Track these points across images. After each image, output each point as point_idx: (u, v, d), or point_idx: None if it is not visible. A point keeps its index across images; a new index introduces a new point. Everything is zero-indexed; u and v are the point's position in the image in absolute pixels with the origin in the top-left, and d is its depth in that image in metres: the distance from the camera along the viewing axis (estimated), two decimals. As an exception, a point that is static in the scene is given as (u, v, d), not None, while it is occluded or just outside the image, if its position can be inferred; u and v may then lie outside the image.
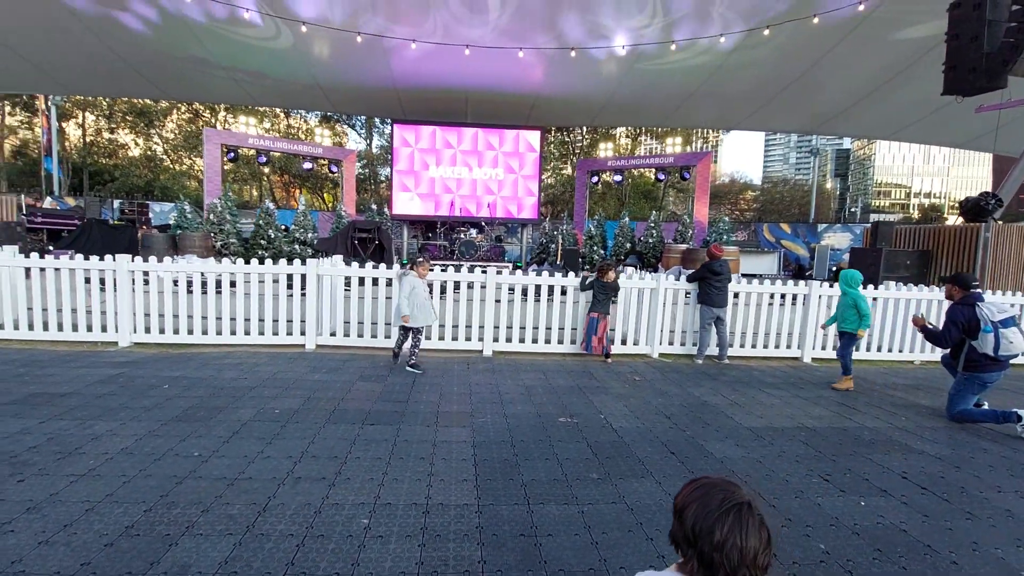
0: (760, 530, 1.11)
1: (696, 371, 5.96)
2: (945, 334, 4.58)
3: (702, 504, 1.14)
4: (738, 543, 1.08)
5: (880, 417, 4.57)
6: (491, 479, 3.02)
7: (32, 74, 13.65)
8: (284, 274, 5.98)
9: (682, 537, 1.16)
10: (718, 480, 1.19)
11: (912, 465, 3.56)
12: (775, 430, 4.10)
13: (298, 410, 3.96)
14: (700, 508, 1.13)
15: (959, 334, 4.49)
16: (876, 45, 11.06)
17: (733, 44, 11.17)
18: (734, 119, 16.66)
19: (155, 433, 3.42)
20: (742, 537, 1.08)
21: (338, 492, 2.77)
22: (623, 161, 17.43)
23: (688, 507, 1.16)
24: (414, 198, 16.37)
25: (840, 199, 77.63)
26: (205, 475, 2.88)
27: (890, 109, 14.13)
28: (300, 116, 31.10)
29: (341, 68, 13.42)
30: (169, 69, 13.66)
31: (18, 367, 4.82)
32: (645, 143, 38.31)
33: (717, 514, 1.10)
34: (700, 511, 1.13)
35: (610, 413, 4.29)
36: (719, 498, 1.13)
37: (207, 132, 15.70)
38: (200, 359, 5.39)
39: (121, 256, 5.83)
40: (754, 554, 1.09)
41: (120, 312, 5.82)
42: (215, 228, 11.76)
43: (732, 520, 1.09)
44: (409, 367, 5.32)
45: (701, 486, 1.19)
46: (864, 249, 10.61)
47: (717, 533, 1.08)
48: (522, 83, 14.15)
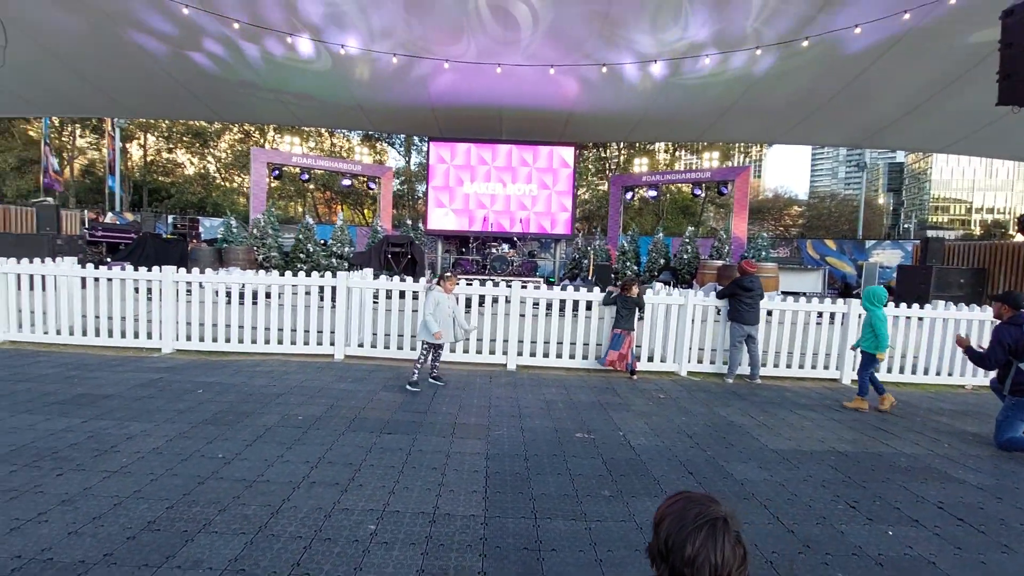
0: (735, 547, 1.08)
1: (725, 390, 5.79)
2: (990, 355, 4.31)
3: (677, 518, 1.12)
4: (711, 558, 1.05)
5: (920, 443, 4.31)
6: (501, 492, 3.02)
7: (101, 100, 14.75)
8: (315, 286, 6.21)
9: (656, 551, 1.14)
10: (697, 495, 1.17)
11: (950, 494, 3.34)
12: (803, 453, 3.93)
13: (320, 417, 4.08)
14: (674, 522, 1.12)
15: (1004, 355, 4.21)
16: (925, 54, 10.61)
17: (770, 57, 10.96)
18: (774, 133, 16.24)
19: (185, 435, 3.59)
20: (715, 552, 1.06)
21: (349, 498, 2.83)
22: (658, 176, 17.25)
23: (663, 521, 1.15)
24: (448, 213, 16.65)
25: (894, 215, 74.18)
26: (226, 476, 3.01)
27: (942, 121, 13.46)
28: (343, 135, 32.29)
29: (380, 89, 13.90)
30: (223, 94, 14.50)
31: (69, 370, 5.16)
32: (684, 158, 37.80)
33: (690, 528, 1.08)
34: (674, 525, 1.11)
35: (629, 430, 4.22)
36: (694, 512, 1.11)
37: (254, 152, 16.52)
38: (234, 366, 5.62)
39: (167, 268, 6.19)
40: (728, 571, 1.07)
41: (164, 320, 6.16)
42: (258, 242, 12.31)
43: (705, 535, 1.07)
44: (432, 379, 5.38)
45: (678, 500, 1.17)
46: (913, 267, 10.09)
47: (689, 547, 1.06)
48: (556, 100, 14.27)
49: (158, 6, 9.77)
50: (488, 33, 10.81)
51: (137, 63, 12.41)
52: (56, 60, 12.18)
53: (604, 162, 32.72)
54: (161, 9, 9.90)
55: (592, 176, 33.20)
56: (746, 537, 2.68)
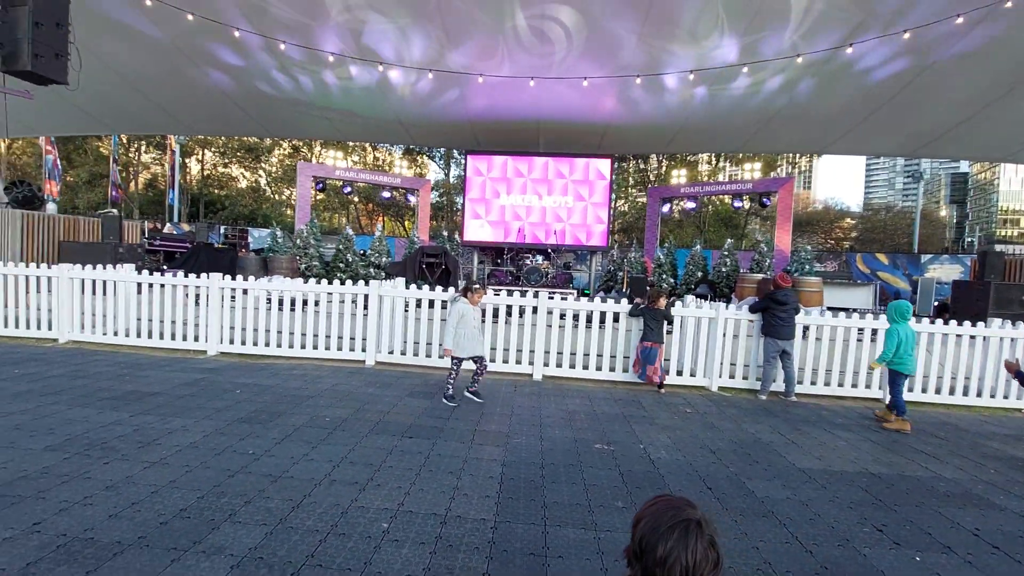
0: (708, 550, 1.10)
1: (757, 407, 5.63)
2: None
3: (652, 519, 1.14)
4: (682, 559, 1.07)
5: (964, 468, 4.07)
6: (513, 498, 3.06)
7: (164, 119, 15.85)
8: (349, 294, 6.44)
9: (631, 552, 1.17)
10: (676, 499, 1.19)
11: (989, 521, 3.15)
12: (832, 473, 3.78)
13: (346, 419, 4.24)
14: (649, 523, 1.14)
15: None
16: (980, 58, 10.09)
17: (814, 64, 10.67)
18: (821, 143, 15.70)
19: (220, 431, 3.81)
20: (686, 553, 1.07)
21: (366, 496, 2.94)
22: (697, 188, 16.95)
23: (640, 522, 1.17)
24: (484, 225, 16.89)
25: (958, 228, 69.89)
26: (254, 471, 3.17)
27: (1004, 128, 12.70)
28: (385, 149, 33.32)
29: (419, 105, 14.34)
30: (274, 112, 15.31)
31: (122, 368, 5.55)
32: (728, 169, 36.97)
33: (663, 529, 1.10)
34: (648, 526, 1.14)
35: (651, 443, 4.18)
36: (669, 514, 1.13)
37: (300, 166, 17.29)
38: (272, 369, 5.90)
39: (214, 275, 6.57)
40: (700, 573, 1.08)
41: (210, 325, 6.53)
42: (300, 252, 12.84)
43: (677, 536, 1.09)
44: (468, 393, 5.14)
45: (656, 502, 1.20)
46: (969, 282, 9.51)
47: (660, 548, 1.09)
48: (593, 112, 14.32)
49: (218, 34, 10.47)
50: (525, 50, 11.02)
51: (198, 86, 13.29)
52: (124, 82, 13.19)
53: (644, 174, 32.40)
54: (220, 37, 10.59)
55: (632, 188, 32.92)
56: (760, 555, 2.63)
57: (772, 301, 6.00)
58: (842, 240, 36.27)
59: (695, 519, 1.12)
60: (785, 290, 6.01)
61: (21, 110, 13.13)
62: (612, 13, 9.72)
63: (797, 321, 6.12)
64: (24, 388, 4.68)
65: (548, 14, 9.85)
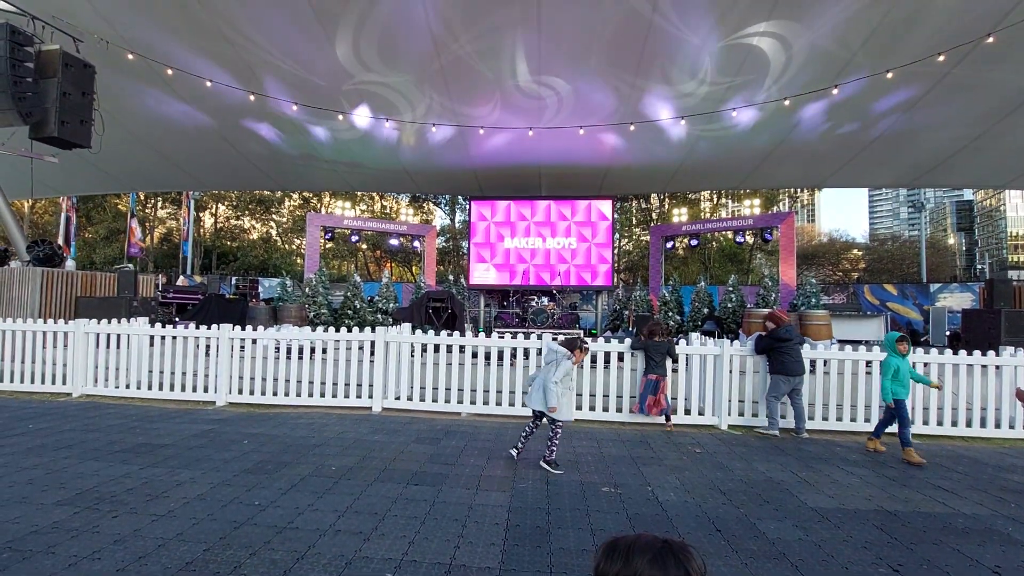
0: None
1: (767, 445, 5.54)
2: None
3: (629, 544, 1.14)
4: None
5: (984, 503, 3.96)
6: (519, 545, 3.03)
7: (179, 176, 16.52)
8: (355, 341, 6.53)
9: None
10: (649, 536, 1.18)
11: (1011, 559, 3.05)
12: (846, 512, 3.70)
13: (352, 467, 4.24)
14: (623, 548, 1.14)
15: None
16: (970, 90, 10.37)
17: (806, 102, 11.01)
18: (819, 176, 15.97)
19: (227, 483, 3.83)
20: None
21: (371, 546, 2.93)
22: (698, 225, 17.18)
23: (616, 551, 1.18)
24: (490, 268, 17.11)
25: (967, 255, 69.46)
26: (260, 522, 3.18)
27: (1000, 156, 12.89)
28: (392, 197, 34.19)
29: (424, 154, 14.86)
30: (284, 166, 15.92)
31: (133, 421, 5.61)
32: (729, 205, 37.38)
33: (638, 552, 1.09)
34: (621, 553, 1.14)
35: (659, 485, 4.12)
36: (646, 539, 1.13)
37: (309, 216, 17.80)
38: (279, 418, 5.93)
39: (224, 326, 6.71)
40: None
41: (219, 375, 6.62)
42: (309, 300, 13.05)
43: (651, 558, 1.08)
44: (545, 464, 4.47)
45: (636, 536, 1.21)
46: (979, 311, 9.44)
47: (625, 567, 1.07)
48: (593, 155, 14.74)
49: (227, 94, 11.06)
50: (523, 102, 11.51)
51: (212, 144, 13.93)
52: (141, 143, 13.85)
53: (646, 212, 32.85)
54: (230, 96, 11.19)
55: (635, 227, 33.31)
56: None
57: (775, 340, 5.99)
58: (850, 272, 36.16)
59: (672, 548, 1.10)
60: (786, 326, 6.01)
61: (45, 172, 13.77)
62: (607, 67, 10.18)
63: (804, 356, 6.09)
64: (38, 443, 4.74)
65: (546, 70, 10.34)
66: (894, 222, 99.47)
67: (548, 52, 9.81)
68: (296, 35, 9.53)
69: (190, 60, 10.21)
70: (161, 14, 9.11)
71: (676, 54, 9.72)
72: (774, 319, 6.11)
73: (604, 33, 9.27)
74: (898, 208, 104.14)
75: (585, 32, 9.32)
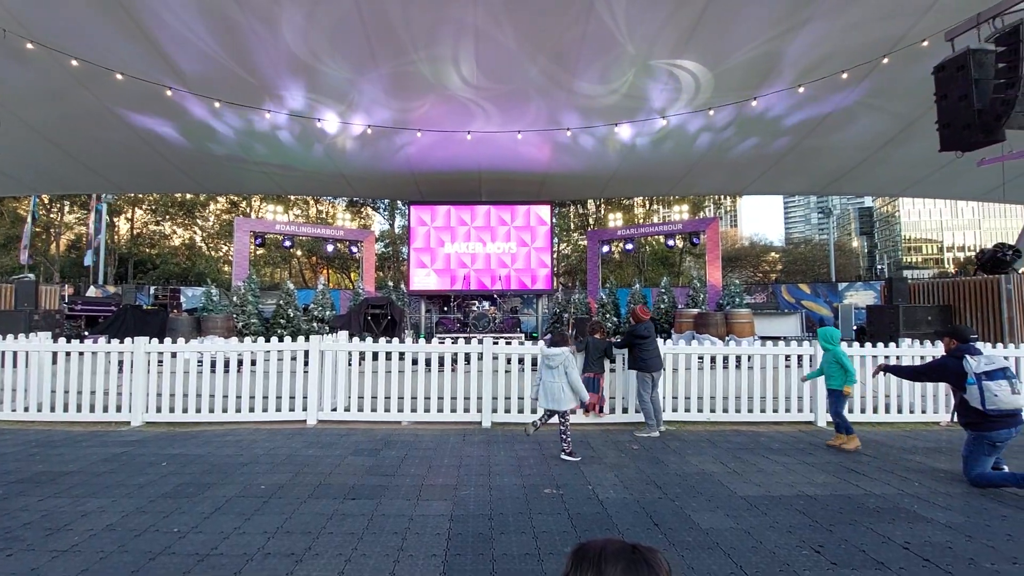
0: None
1: (699, 438, 5.79)
2: (923, 369, 4.75)
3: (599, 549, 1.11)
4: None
5: (891, 483, 4.32)
6: (460, 554, 2.97)
7: (89, 176, 15.12)
8: (288, 351, 6.22)
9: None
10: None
11: (917, 534, 3.34)
12: (772, 499, 3.92)
13: (284, 485, 4.01)
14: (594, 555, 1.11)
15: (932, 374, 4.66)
16: (872, 108, 11.41)
17: (725, 115, 11.69)
18: (741, 184, 16.99)
19: (142, 510, 3.51)
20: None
21: (303, 568, 2.77)
22: (632, 230, 17.80)
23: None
24: (430, 274, 16.90)
25: (869, 257, 76.27)
26: (179, 551, 2.93)
27: (897, 167, 14.25)
28: (328, 201, 33.05)
29: (360, 157, 14.46)
30: (208, 167, 14.95)
31: (32, 447, 5.05)
32: (661, 211, 39.03)
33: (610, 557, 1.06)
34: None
35: (599, 483, 4.20)
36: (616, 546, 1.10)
37: (237, 221, 16.85)
38: (203, 437, 5.53)
39: (139, 339, 6.19)
40: None
41: (134, 393, 6.09)
42: (238, 310, 12.32)
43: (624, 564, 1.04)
44: (567, 456, 4.86)
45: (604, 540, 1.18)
46: (881, 306, 10.37)
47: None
48: (531, 162, 14.92)
49: (142, 89, 10.27)
50: (460, 105, 11.47)
51: (125, 142, 12.86)
52: (45, 141, 12.59)
53: (584, 218, 33.67)
54: (145, 91, 10.39)
55: (573, 232, 34.04)
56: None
57: (634, 336, 6.05)
58: (769, 273, 38.71)
59: (641, 555, 1.08)
60: (646, 323, 6.12)
61: (-78, 173, 12.24)
62: (546, 73, 10.32)
63: (739, 352, 6.43)
64: (-92, 480, 4.16)
65: (484, 73, 10.34)
66: (806, 227, 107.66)
67: (486, 50, 9.76)
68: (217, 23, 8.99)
69: (98, 50, 9.38)
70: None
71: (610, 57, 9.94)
72: (635, 316, 6.20)
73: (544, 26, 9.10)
74: (809, 214, 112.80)
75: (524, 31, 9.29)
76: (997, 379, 4.10)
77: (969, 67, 7.93)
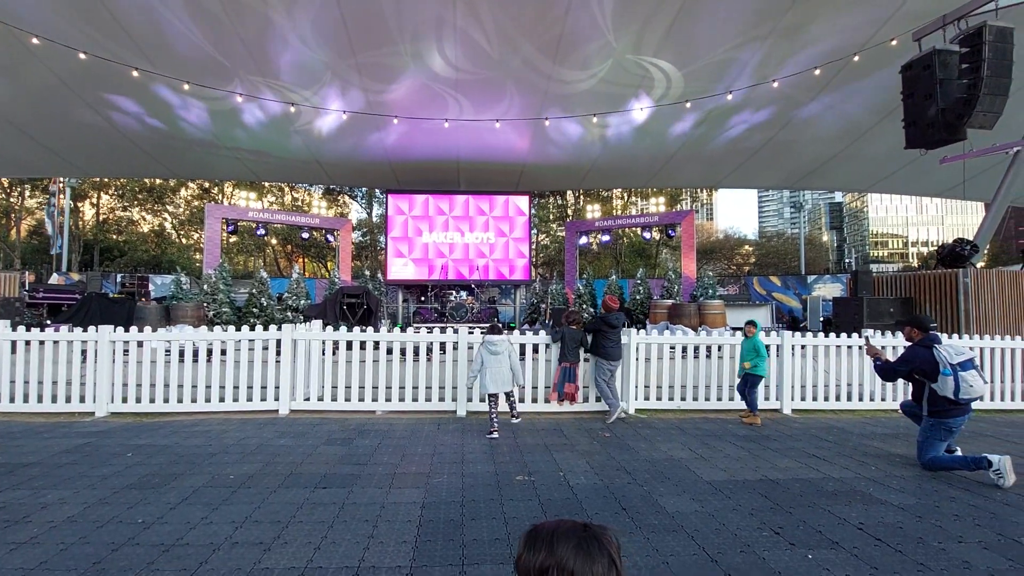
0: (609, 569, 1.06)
1: (669, 425, 5.91)
2: (896, 367, 4.68)
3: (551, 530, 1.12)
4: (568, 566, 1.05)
5: (849, 467, 4.49)
6: (431, 540, 3.00)
7: (51, 159, 14.54)
8: (259, 340, 6.12)
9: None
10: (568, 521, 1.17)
11: (871, 516, 3.49)
12: (736, 483, 4.04)
13: (253, 475, 3.98)
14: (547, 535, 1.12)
15: (907, 372, 4.57)
16: (840, 106, 11.69)
17: (700, 110, 11.83)
18: (716, 177, 17.28)
19: (105, 501, 3.44)
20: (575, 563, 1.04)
21: (272, 557, 2.76)
22: (610, 221, 17.94)
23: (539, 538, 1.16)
24: (408, 263, 16.78)
25: (838, 251, 78.39)
26: (143, 542, 2.89)
27: (864, 163, 14.67)
28: (304, 189, 32.42)
29: (336, 144, 14.22)
30: (177, 151, 14.52)
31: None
32: (638, 204, 39.36)
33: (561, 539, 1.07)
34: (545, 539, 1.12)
35: (570, 470, 4.26)
36: (568, 526, 1.10)
37: (208, 207, 16.43)
38: (171, 427, 5.43)
39: (103, 327, 6.02)
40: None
41: (99, 383, 5.93)
42: (208, 298, 12.06)
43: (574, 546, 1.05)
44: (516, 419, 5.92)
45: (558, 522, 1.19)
46: (846, 298, 10.68)
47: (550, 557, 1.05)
48: (510, 152, 14.89)
49: (107, 69, 9.89)
50: (438, 92, 11.34)
51: (89, 124, 12.39)
52: (4, 122, 12.05)
53: (563, 209, 33.75)
54: (110, 72, 10.01)
55: (552, 223, 34.12)
56: (670, 570, 2.74)
57: (605, 324, 6.18)
58: (743, 265, 39.48)
59: (594, 535, 1.09)
60: (616, 313, 6.28)
61: None
62: (524, 59, 10.27)
63: (710, 342, 6.57)
64: None
65: (463, 57, 10.23)
66: (779, 221, 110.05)
67: (467, 34, 9.64)
68: (184, 2, 8.69)
69: (61, 28, 8.98)
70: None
71: (591, 47, 9.91)
72: (605, 306, 6.34)
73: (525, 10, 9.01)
74: (782, 208, 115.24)
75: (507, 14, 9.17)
76: (968, 369, 4.28)
77: (935, 67, 8.18)
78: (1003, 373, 7.21)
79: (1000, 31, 7.64)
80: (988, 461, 4.15)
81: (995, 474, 4.11)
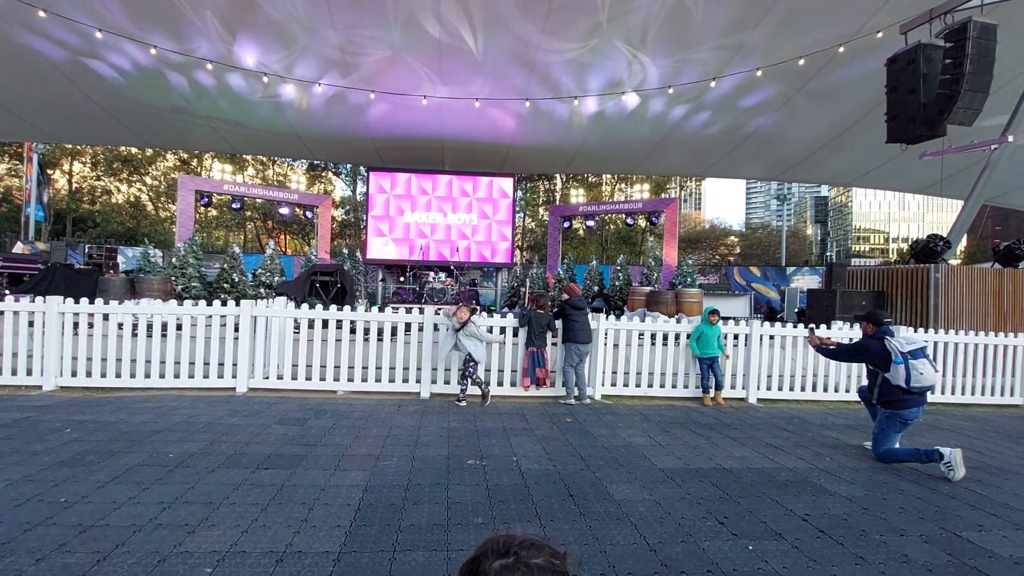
0: None
1: (633, 412, 5.88)
2: (845, 350, 4.92)
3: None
4: None
5: (804, 458, 4.49)
6: (366, 525, 2.91)
7: (14, 122, 13.95)
8: (217, 315, 5.94)
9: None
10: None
11: (818, 507, 3.47)
12: (689, 471, 4.01)
13: (195, 454, 3.85)
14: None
15: (854, 355, 4.81)
16: (828, 96, 11.61)
17: (687, 97, 11.68)
18: (702, 166, 17.19)
19: (30, 478, 3.29)
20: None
21: (194, 539, 2.65)
22: (593, 207, 17.81)
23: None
24: (388, 243, 16.54)
25: (821, 244, 79.27)
26: (61, 522, 2.76)
27: (847, 157, 14.68)
28: (287, 164, 31.73)
29: (317, 118, 13.83)
30: (149, 118, 14.01)
31: (-80, 412, 4.68)
32: (625, 190, 39.22)
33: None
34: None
35: (524, 455, 4.20)
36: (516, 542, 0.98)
37: (181, 179, 15.97)
38: (120, 403, 5.26)
39: (52, 298, 5.79)
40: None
41: (46, 355, 5.72)
42: (177, 272, 11.76)
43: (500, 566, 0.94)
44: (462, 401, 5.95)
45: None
46: (820, 291, 10.75)
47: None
48: (495, 133, 14.62)
49: (72, 29, 9.43)
50: (420, 67, 11.03)
51: (53, 86, 11.88)
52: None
53: (550, 193, 33.51)
54: (77, 32, 9.55)
55: (539, 207, 33.88)
56: (607, 559, 2.67)
57: (570, 307, 6.21)
58: (727, 255, 39.72)
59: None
60: (578, 296, 6.31)
61: None
62: (509, 33, 9.97)
63: (678, 329, 6.54)
64: None
65: (447, 31, 9.91)
66: (766, 212, 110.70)
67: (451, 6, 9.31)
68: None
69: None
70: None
71: (582, 24, 9.63)
72: (568, 291, 6.41)
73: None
74: (769, 200, 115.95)
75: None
76: (919, 358, 4.34)
77: (919, 61, 8.11)
78: (964, 367, 7.30)
79: (984, 27, 7.59)
80: (940, 454, 4.17)
81: (946, 467, 4.13)
